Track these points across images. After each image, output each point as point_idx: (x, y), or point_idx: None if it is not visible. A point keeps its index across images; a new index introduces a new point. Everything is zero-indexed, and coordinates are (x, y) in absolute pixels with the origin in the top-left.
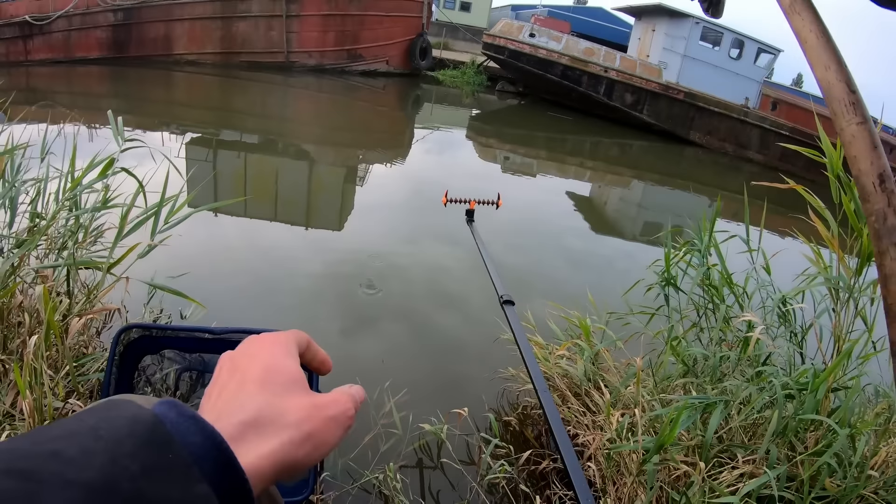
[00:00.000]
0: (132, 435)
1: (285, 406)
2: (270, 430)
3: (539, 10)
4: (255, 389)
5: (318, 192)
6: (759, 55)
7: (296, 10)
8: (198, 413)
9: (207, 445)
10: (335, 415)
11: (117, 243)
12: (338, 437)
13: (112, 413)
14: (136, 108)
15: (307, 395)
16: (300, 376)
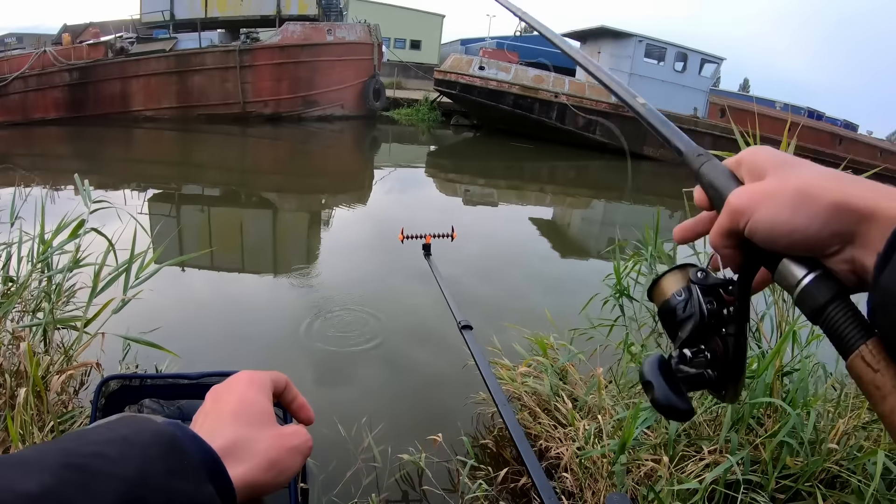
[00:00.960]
0: (157, 444)
1: (255, 435)
2: (242, 455)
3: (487, 42)
4: (229, 420)
5: (283, 239)
6: (702, 65)
7: (249, 61)
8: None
9: (208, 458)
10: (297, 444)
11: (92, 300)
12: (298, 464)
13: (139, 426)
14: (97, 168)
15: (274, 427)
16: (269, 410)
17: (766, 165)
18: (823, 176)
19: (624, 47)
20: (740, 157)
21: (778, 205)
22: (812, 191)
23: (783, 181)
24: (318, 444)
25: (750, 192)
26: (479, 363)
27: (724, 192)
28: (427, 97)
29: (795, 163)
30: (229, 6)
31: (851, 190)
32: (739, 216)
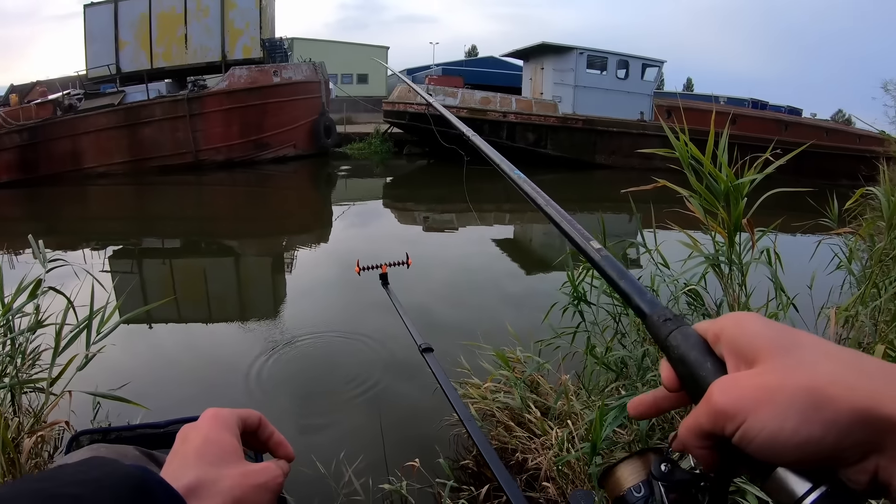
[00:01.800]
0: (127, 487)
1: (218, 474)
2: (204, 495)
3: (433, 69)
4: (193, 459)
5: (247, 285)
6: (644, 70)
7: (198, 109)
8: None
9: (173, 502)
10: (263, 482)
11: (55, 359)
12: (265, 501)
13: (109, 469)
14: (54, 228)
15: (239, 465)
16: (235, 447)
17: (757, 346)
18: (838, 366)
19: (566, 61)
20: (720, 328)
21: (782, 410)
22: (828, 392)
23: (786, 375)
24: (299, 484)
25: (741, 390)
26: (441, 383)
27: (700, 377)
28: (378, 129)
29: (797, 342)
30: (175, 55)
31: (877, 389)
32: (726, 420)
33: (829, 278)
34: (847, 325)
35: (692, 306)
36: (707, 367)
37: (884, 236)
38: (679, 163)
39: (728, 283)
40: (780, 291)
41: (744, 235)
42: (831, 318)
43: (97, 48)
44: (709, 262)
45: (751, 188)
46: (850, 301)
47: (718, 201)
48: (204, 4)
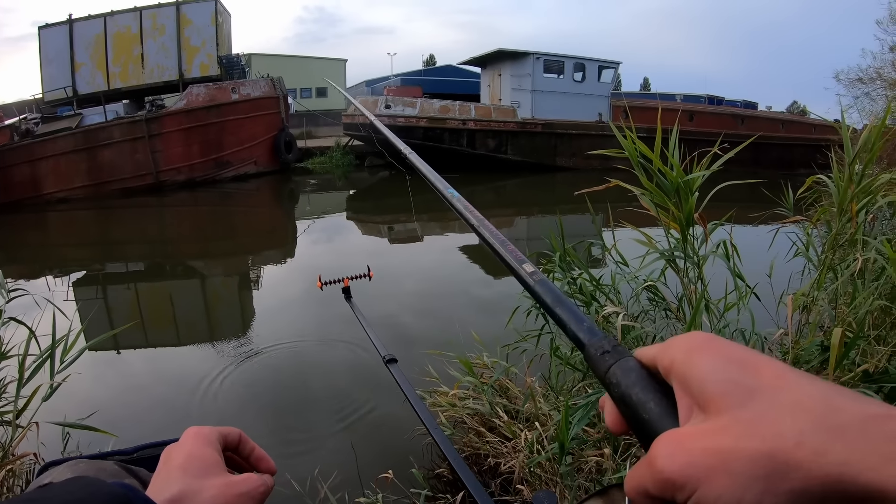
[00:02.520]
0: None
1: (201, 486)
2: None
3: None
4: (177, 473)
5: (213, 306)
6: (601, 72)
7: (157, 129)
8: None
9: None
10: (246, 491)
11: (20, 391)
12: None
13: (95, 489)
14: (14, 257)
15: (221, 476)
16: (216, 461)
17: (709, 392)
18: (805, 422)
19: (523, 66)
20: (671, 361)
21: (740, 481)
22: (794, 457)
23: (742, 436)
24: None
25: (690, 455)
26: (406, 393)
27: (644, 421)
28: (339, 143)
29: (755, 387)
30: (131, 76)
31: (853, 453)
32: (674, 489)
33: (789, 266)
34: (806, 311)
35: (653, 302)
36: (650, 407)
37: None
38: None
39: (685, 278)
40: (739, 280)
41: (699, 230)
42: (788, 305)
43: (53, 70)
44: (664, 257)
45: (701, 182)
46: (806, 286)
47: (669, 198)
48: (159, 23)
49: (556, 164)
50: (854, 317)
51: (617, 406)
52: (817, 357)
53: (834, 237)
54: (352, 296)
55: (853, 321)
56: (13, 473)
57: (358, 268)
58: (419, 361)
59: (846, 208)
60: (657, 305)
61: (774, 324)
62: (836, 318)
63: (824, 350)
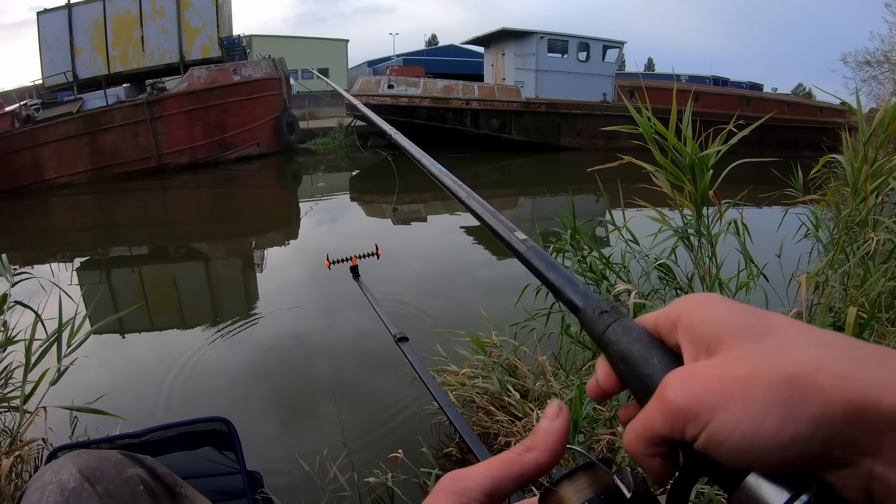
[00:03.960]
0: None
1: None
2: None
3: (394, 60)
4: None
5: (220, 287)
6: (605, 52)
7: (158, 112)
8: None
9: None
10: None
11: (27, 376)
12: None
13: None
14: (18, 244)
15: None
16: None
17: (722, 330)
18: (825, 351)
19: (526, 45)
20: (677, 313)
21: (760, 405)
22: (815, 381)
23: (761, 363)
24: (285, 485)
25: (704, 383)
26: (418, 371)
27: (646, 375)
28: (341, 123)
29: (772, 324)
30: (132, 59)
31: (874, 377)
32: (686, 420)
33: (798, 247)
34: (818, 291)
35: (664, 281)
36: (654, 363)
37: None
38: (643, 141)
39: (698, 256)
40: (750, 262)
41: (711, 210)
42: (802, 284)
43: (53, 55)
44: (678, 234)
45: (716, 159)
46: (819, 266)
47: (684, 174)
48: (159, 5)
49: (559, 143)
50: (866, 298)
51: (614, 366)
52: None
53: (846, 217)
54: (360, 275)
55: (865, 302)
56: (21, 459)
57: (363, 248)
58: (427, 341)
59: (860, 188)
60: (668, 284)
61: (782, 304)
62: (848, 299)
63: (836, 331)
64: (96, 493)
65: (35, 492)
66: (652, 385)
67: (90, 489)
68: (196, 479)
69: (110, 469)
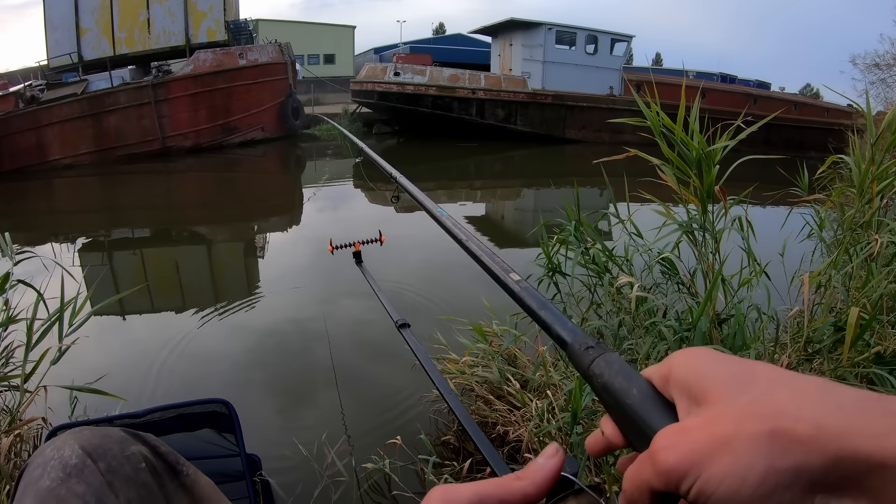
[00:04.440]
0: None
1: None
2: None
3: (401, 48)
4: None
5: (221, 272)
6: (613, 45)
7: (163, 95)
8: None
9: None
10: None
11: (28, 355)
12: None
13: None
14: (21, 224)
15: None
16: None
17: (708, 384)
18: (803, 399)
19: (534, 36)
20: (669, 368)
21: (744, 459)
22: (795, 432)
23: (744, 416)
24: (283, 468)
25: (692, 440)
26: (419, 357)
27: (627, 404)
28: (346, 109)
29: (754, 376)
30: (137, 41)
31: (852, 424)
32: (679, 478)
33: (801, 247)
34: (820, 291)
35: (666, 275)
36: (633, 394)
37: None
38: (649, 136)
39: (702, 251)
40: (753, 260)
41: (716, 206)
42: (805, 283)
43: (58, 36)
44: (682, 228)
45: (723, 154)
46: (822, 266)
47: (691, 169)
48: None
49: (565, 136)
50: (868, 299)
51: (599, 397)
52: (830, 337)
53: (851, 217)
54: (362, 260)
55: (867, 303)
56: (21, 438)
57: (365, 235)
58: (428, 328)
59: (866, 189)
60: (670, 279)
61: (783, 303)
62: (850, 300)
63: (837, 331)
64: (98, 469)
65: (37, 468)
66: (631, 415)
67: (92, 465)
68: (195, 460)
69: (113, 446)
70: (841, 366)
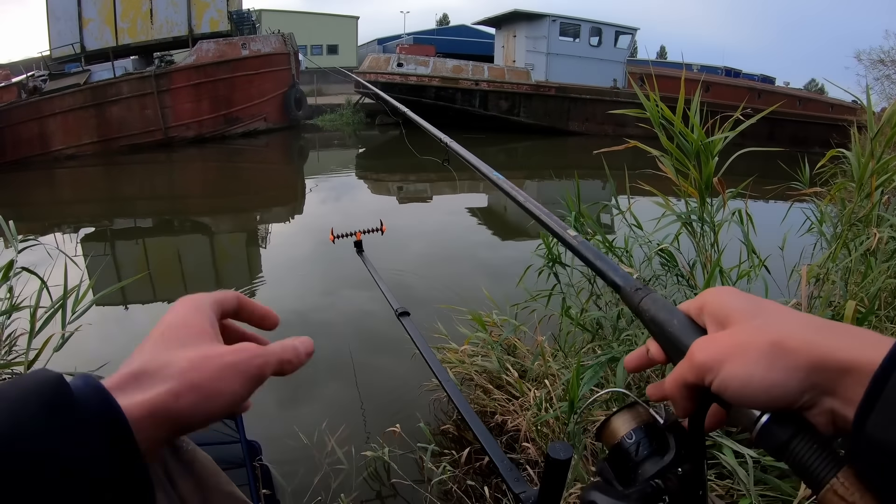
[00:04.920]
0: (37, 393)
1: (172, 358)
2: (149, 381)
3: (404, 38)
4: (149, 345)
5: (223, 262)
6: (617, 38)
7: (166, 85)
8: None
9: (92, 394)
10: (233, 362)
11: (31, 342)
12: (237, 385)
13: (24, 380)
14: (24, 215)
15: (203, 347)
16: (203, 330)
17: (731, 311)
18: (798, 325)
19: (538, 28)
20: (703, 301)
21: (751, 360)
22: (789, 344)
23: (755, 332)
24: (283, 456)
25: (717, 346)
26: (418, 346)
27: (669, 333)
28: (349, 100)
29: (765, 308)
30: (140, 31)
31: (830, 342)
32: (706, 372)
33: (801, 241)
34: (819, 284)
35: (665, 266)
36: (674, 323)
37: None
38: (653, 129)
39: (700, 243)
40: (752, 253)
41: (717, 200)
42: (802, 276)
43: (60, 27)
44: (680, 220)
45: (722, 146)
46: (820, 259)
47: (689, 160)
48: None
49: (568, 128)
50: (866, 293)
51: (647, 326)
52: None
53: (850, 212)
54: (363, 249)
55: (865, 297)
56: None
57: (367, 225)
58: (426, 318)
59: (865, 182)
60: (669, 270)
61: (782, 295)
62: (848, 294)
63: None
64: None
65: None
66: (674, 340)
67: None
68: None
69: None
70: None
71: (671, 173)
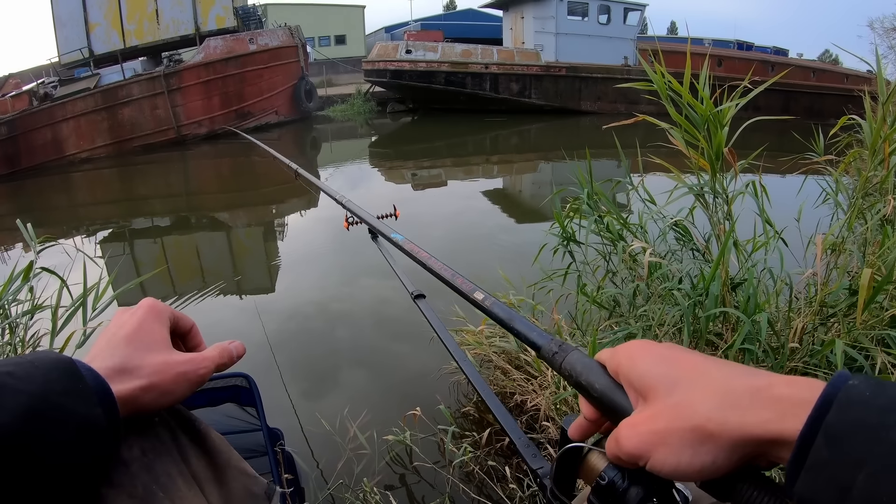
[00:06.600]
0: (57, 369)
1: (143, 361)
2: (128, 377)
3: (411, 25)
4: (123, 344)
5: (241, 256)
6: (627, 14)
7: (176, 84)
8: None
9: (99, 385)
10: (185, 371)
11: (54, 340)
12: (185, 389)
13: (42, 356)
14: (42, 219)
15: (165, 354)
16: (163, 338)
17: (648, 383)
18: (715, 402)
19: (546, 8)
20: (617, 362)
21: (675, 450)
22: (709, 428)
23: (674, 417)
24: (306, 443)
25: (641, 435)
26: (435, 328)
27: (602, 402)
28: (359, 90)
29: (681, 376)
30: (147, 32)
31: (749, 418)
32: (636, 458)
33: (817, 212)
34: (835, 254)
35: (681, 241)
36: (596, 388)
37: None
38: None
39: (713, 215)
40: (767, 223)
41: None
42: (818, 245)
43: (68, 33)
44: (692, 192)
45: (733, 113)
46: (834, 226)
47: (699, 131)
48: None
49: (580, 108)
50: (883, 262)
51: (576, 388)
52: (844, 301)
53: (865, 180)
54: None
55: (882, 265)
56: None
57: (381, 211)
58: (446, 301)
59: (879, 149)
60: (685, 244)
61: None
62: (865, 263)
63: (851, 294)
64: None
65: None
66: (599, 403)
67: None
68: None
69: None
70: (855, 328)
71: (681, 145)
